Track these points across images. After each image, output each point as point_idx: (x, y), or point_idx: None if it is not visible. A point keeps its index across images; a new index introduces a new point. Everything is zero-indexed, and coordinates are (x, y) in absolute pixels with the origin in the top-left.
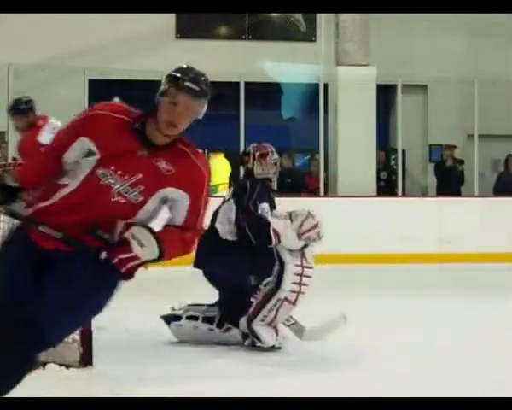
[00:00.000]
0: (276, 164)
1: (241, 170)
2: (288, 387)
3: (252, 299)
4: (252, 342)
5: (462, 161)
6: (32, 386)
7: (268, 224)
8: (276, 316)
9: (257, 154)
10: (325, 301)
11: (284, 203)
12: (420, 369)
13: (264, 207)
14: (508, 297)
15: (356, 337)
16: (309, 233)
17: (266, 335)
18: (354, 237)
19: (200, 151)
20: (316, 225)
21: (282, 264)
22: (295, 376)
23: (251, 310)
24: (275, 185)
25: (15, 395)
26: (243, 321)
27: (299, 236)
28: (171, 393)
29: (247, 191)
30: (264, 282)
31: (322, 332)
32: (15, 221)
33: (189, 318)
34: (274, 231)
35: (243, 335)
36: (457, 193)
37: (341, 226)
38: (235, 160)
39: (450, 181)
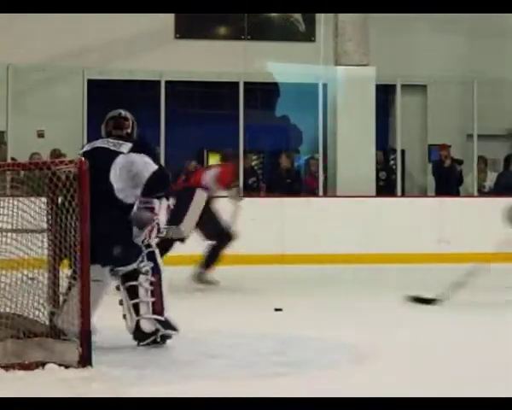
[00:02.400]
0: None
1: (112, 131)
2: (288, 387)
3: (137, 299)
4: (162, 337)
5: (461, 161)
6: (31, 386)
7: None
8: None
9: (134, 120)
10: (325, 301)
11: (284, 203)
12: (420, 369)
13: None
14: (508, 297)
15: (356, 337)
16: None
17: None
18: (353, 237)
19: None
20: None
21: (150, 247)
22: (295, 376)
23: (154, 307)
24: None
25: (15, 395)
26: (148, 321)
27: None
28: (171, 393)
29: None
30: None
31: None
32: None
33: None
34: None
35: (144, 335)
36: (456, 193)
37: (341, 226)
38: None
39: (448, 181)
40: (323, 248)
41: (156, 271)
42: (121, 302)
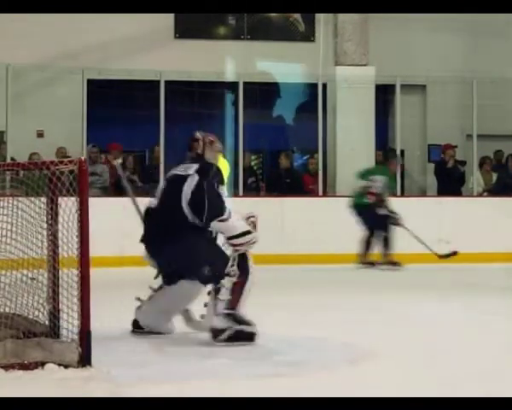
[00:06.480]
0: (219, 152)
1: (188, 154)
2: (288, 387)
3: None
4: (235, 334)
5: (464, 162)
6: (30, 386)
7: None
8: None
9: (206, 140)
10: (325, 301)
11: (283, 203)
12: (419, 369)
13: (224, 191)
14: (507, 297)
15: (356, 337)
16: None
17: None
18: (353, 237)
19: None
20: (246, 243)
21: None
22: (295, 376)
23: (229, 304)
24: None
25: (15, 395)
26: (220, 317)
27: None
28: (171, 393)
29: (212, 173)
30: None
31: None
32: None
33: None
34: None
35: (217, 331)
36: (458, 194)
37: (340, 226)
38: (235, 160)
39: (450, 182)
40: (323, 248)
41: (244, 273)
42: (206, 305)
